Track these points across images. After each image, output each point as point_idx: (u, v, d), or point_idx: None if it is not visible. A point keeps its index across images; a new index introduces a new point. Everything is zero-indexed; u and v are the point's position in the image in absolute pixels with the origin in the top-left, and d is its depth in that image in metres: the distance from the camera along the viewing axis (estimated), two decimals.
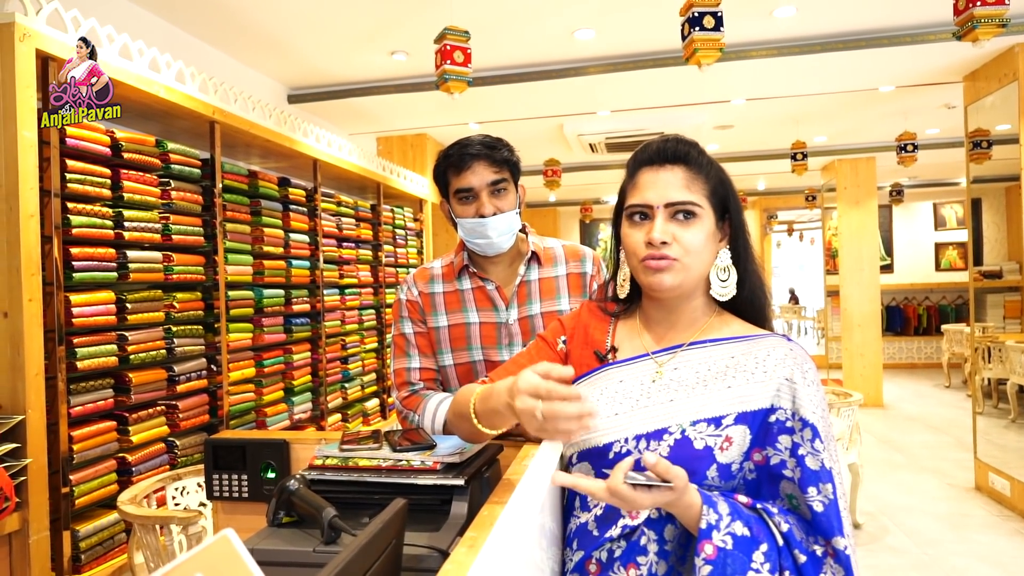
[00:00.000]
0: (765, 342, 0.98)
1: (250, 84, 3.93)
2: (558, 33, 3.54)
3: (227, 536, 0.40)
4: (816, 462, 0.88)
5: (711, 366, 0.97)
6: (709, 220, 0.99)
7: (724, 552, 0.83)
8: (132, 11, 3.03)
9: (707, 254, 0.99)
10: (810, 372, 0.94)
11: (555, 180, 6.51)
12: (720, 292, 1.01)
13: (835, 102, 5.03)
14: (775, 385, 0.93)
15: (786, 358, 0.95)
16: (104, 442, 2.19)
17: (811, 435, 0.89)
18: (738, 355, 0.97)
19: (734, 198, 1.03)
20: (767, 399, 0.92)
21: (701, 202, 0.98)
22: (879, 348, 7.03)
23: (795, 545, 0.86)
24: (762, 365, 0.94)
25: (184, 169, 2.59)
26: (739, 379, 0.94)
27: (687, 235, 0.97)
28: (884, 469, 4.73)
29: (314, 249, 3.54)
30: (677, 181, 0.98)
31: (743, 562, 0.83)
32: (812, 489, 0.87)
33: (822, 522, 0.86)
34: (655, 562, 0.89)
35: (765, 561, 0.84)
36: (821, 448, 0.88)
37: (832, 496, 0.87)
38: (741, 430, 0.91)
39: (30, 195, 1.89)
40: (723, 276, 1.01)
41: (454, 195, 1.48)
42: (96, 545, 2.12)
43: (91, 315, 2.14)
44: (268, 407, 3.10)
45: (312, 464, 1.08)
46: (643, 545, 0.91)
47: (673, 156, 0.99)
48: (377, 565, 0.69)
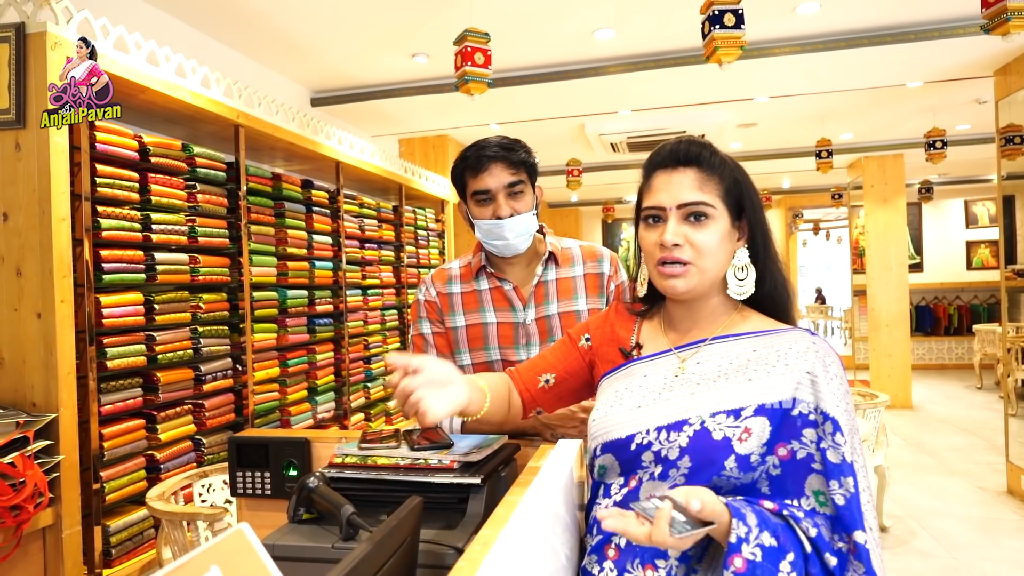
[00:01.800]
0: (787, 336, 0.98)
1: (274, 88, 3.99)
2: (578, 33, 3.54)
3: (242, 530, 0.42)
4: (837, 456, 0.88)
5: (732, 360, 0.98)
6: (723, 220, 1.00)
7: (753, 564, 0.83)
8: (159, 17, 3.09)
9: (722, 254, 1.00)
10: (832, 366, 0.94)
11: (577, 180, 6.51)
12: (737, 291, 1.01)
13: (861, 98, 4.95)
14: (796, 378, 0.93)
15: (807, 352, 0.95)
16: (133, 440, 2.24)
17: (832, 428, 0.89)
18: (760, 349, 0.97)
19: (751, 196, 1.03)
20: (788, 392, 0.92)
21: (714, 202, 0.99)
22: (908, 348, 6.90)
23: (824, 548, 0.85)
24: (783, 358, 0.95)
25: (210, 172, 2.64)
26: (760, 372, 0.95)
27: (700, 236, 0.98)
28: (912, 472, 4.65)
29: (337, 250, 3.58)
30: (689, 182, 0.99)
31: (771, 572, 0.83)
32: (834, 483, 0.87)
33: (844, 516, 0.86)
34: (676, 565, 0.89)
35: (792, 571, 0.84)
36: (842, 441, 0.88)
37: (853, 490, 0.87)
38: (760, 422, 0.91)
39: (61, 199, 1.94)
40: (740, 275, 1.01)
41: (471, 197, 1.49)
42: (126, 540, 2.17)
43: (120, 316, 2.20)
44: (292, 406, 3.14)
45: (332, 462, 1.10)
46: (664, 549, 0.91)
47: (685, 158, 1.01)
48: (392, 561, 0.71)
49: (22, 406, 1.92)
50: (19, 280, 1.93)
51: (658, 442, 0.94)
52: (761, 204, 1.05)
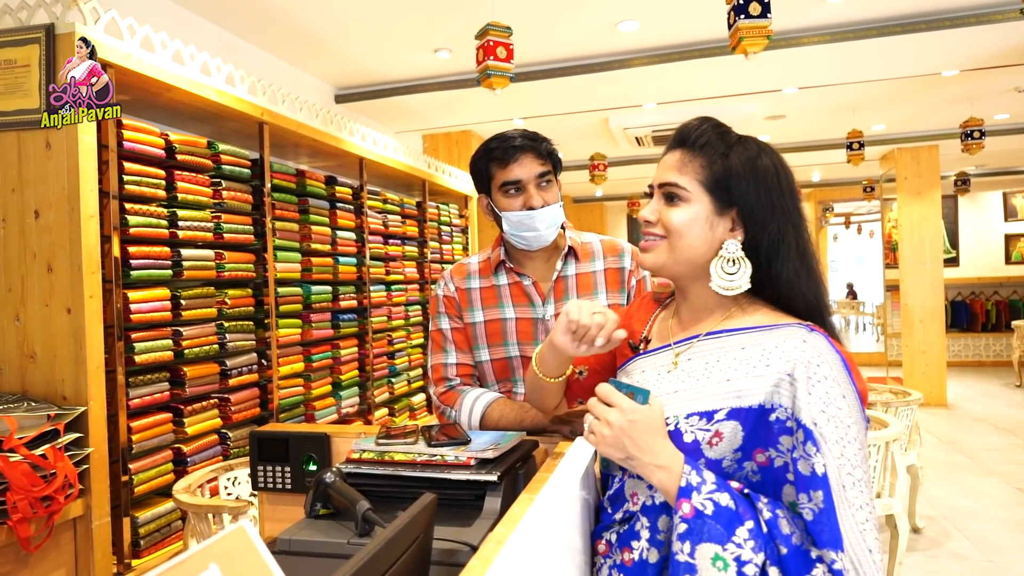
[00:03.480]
0: (779, 332, 0.91)
1: (298, 85, 4.02)
2: (601, 25, 3.50)
3: (243, 527, 0.41)
4: (807, 467, 0.82)
5: (720, 357, 0.93)
6: (700, 206, 0.95)
7: (702, 516, 0.81)
8: (184, 16, 3.13)
9: (695, 238, 0.95)
10: (822, 367, 0.86)
11: (602, 175, 6.46)
12: (721, 285, 0.94)
13: (894, 88, 4.83)
14: (774, 380, 0.87)
15: (794, 351, 0.88)
16: (161, 433, 2.28)
17: (803, 437, 0.83)
18: (748, 346, 0.92)
19: (753, 188, 0.94)
20: (763, 395, 0.87)
21: (688, 185, 0.96)
22: (942, 345, 6.73)
23: (777, 535, 0.80)
24: (766, 358, 0.89)
25: (235, 169, 2.67)
26: (740, 372, 0.90)
27: (670, 215, 0.97)
28: (947, 472, 4.53)
29: (361, 246, 3.60)
30: (673, 163, 0.99)
31: (721, 534, 0.80)
32: (803, 496, 0.82)
33: (812, 532, 0.80)
34: (646, 548, 0.89)
35: (750, 538, 0.79)
36: (813, 452, 0.81)
37: (823, 505, 0.80)
38: (732, 426, 0.87)
39: (90, 196, 1.97)
40: (730, 268, 0.94)
41: (499, 188, 1.47)
42: (154, 532, 2.21)
43: (148, 311, 2.23)
44: (316, 401, 3.17)
45: (349, 458, 1.10)
46: (636, 531, 0.91)
47: (678, 139, 1.01)
48: (404, 558, 0.70)
49: (53, 399, 1.96)
50: (50, 276, 1.97)
51: None
52: (782, 201, 0.94)
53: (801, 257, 0.95)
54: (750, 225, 0.94)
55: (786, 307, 0.96)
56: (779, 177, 0.96)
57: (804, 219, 0.97)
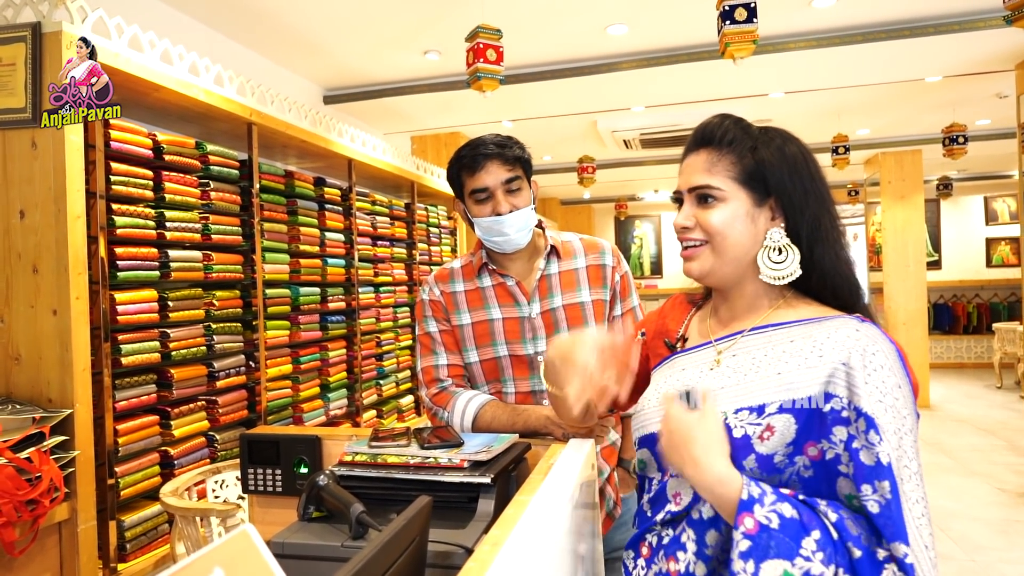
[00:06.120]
0: (829, 324, 0.90)
1: (287, 86, 4.00)
2: (591, 28, 3.52)
3: (246, 531, 0.41)
4: (871, 456, 0.79)
5: (768, 352, 0.92)
6: (738, 202, 0.95)
7: (768, 530, 0.76)
8: (173, 16, 3.11)
9: (740, 235, 0.94)
10: (877, 355, 0.84)
11: (590, 177, 6.48)
12: (771, 274, 0.93)
13: (879, 94, 4.89)
14: (829, 370, 0.85)
15: (847, 340, 0.86)
16: (147, 436, 2.25)
17: (865, 426, 0.80)
18: (797, 339, 0.91)
19: (787, 176, 0.95)
20: (817, 386, 0.85)
21: (722, 184, 0.95)
22: (925, 347, 6.82)
23: (847, 537, 0.77)
24: (818, 349, 0.88)
25: (223, 170, 2.65)
26: (791, 364, 0.88)
27: (708, 217, 0.95)
28: (930, 472, 4.59)
29: (349, 248, 3.58)
30: (700, 165, 0.97)
31: (789, 547, 0.76)
32: (866, 487, 0.79)
33: (879, 525, 0.78)
34: (693, 561, 0.87)
35: (818, 550, 0.76)
36: (877, 441, 0.79)
37: (890, 495, 0.77)
38: (784, 419, 0.85)
39: (77, 197, 1.95)
40: (777, 257, 0.94)
41: (469, 195, 1.50)
42: (140, 535, 2.19)
43: (135, 313, 2.21)
44: (305, 403, 3.16)
45: (342, 460, 1.09)
46: (683, 542, 0.90)
47: (701, 140, 0.99)
48: (400, 561, 0.70)
49: (38, 402, 1.93)
50: (35, 277, 1.95)
51: None
52: (813, 185, 0.95)
53: (838, 240, 0.96)
54: (789, 212, 0.95)
55: (831, 294, 0.95)
56: (807, 162, 0.97)
57: (834, 203, 0.97)
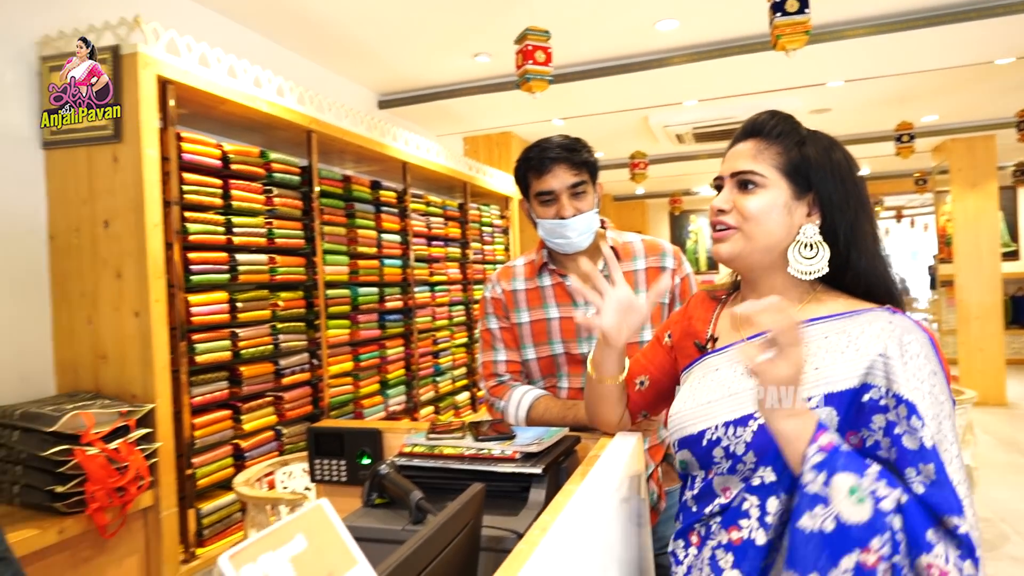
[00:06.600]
0: (863, 317, 0.93)
1: (343, 93, 4.14)
2: (639, 25, 3.51)
3: (321, 505, 0.47)
4: (914, 441, 0.82)
5: (803, 348, 0.94)
6: (779, 191, 0.98)
7: (839, 449, 0.81)
8: (235, 30, 3.27)
9: (774, 225, 0.97)
10: (912, 344, 0.87)
11: (642, 173, 6.43)
12: (800, 269, 0.96)
13: (945, 78, 4.68)
14: (866, 363, 0.88)
15: (882, 332, 0.89)
16: (221, 429, 2.39)
17: (907, 412, 0.83)
18: (831, 334, 0.93)
19: (829, 175, 0.98)
20: (856, 378, 0.88)
21: (767, 172, 0.98)
22: (1001, 342, 6.49)
23: (894, 483, 0.80)
24: (854, 343, 0.91)
25: (285, 176, 2.78)
26: (828, 359, 0.91)
27: (746, 202, 0.98)
28: (1005, 472, 4.38)
29: (405, 248, 3.69)
30: (746, 152, 1.00)
31: (858, 465, 0.79)
32: (910, 470, 0.82)
33: (930, 503, 0.80)
34: (755, 527, 0.90)
35: (881, 477, 0.79)
36: (919, 426, 0.82)
37: (936, 476, 0.80)
38: (827, 412, 0.88)
39: (154, 206, 2.09)
40: (807, 253, 0.97)
41: (535, 196, 1.54)
42: (216, 522, 2.33)
43: (207, 314, 2.35)
44: (365, 399, 3.27)
45: (402, 451, 1.16)
46: (745, 510, 0.91)
47: (750, 131, 1.02)
48: (455, 543, 0.75)
49: (123, 397, 2.09)
50: (119, 282, 2.10)
51: (726, 437, 0.95)
52: (855, 189, 0.98)
53: (876, 244, 0.98)
54: (828, 210, 0.97)
55: (865, 293, 0.98)
56: (851, 168, 1.00)
57: (874, 212, 1.00)
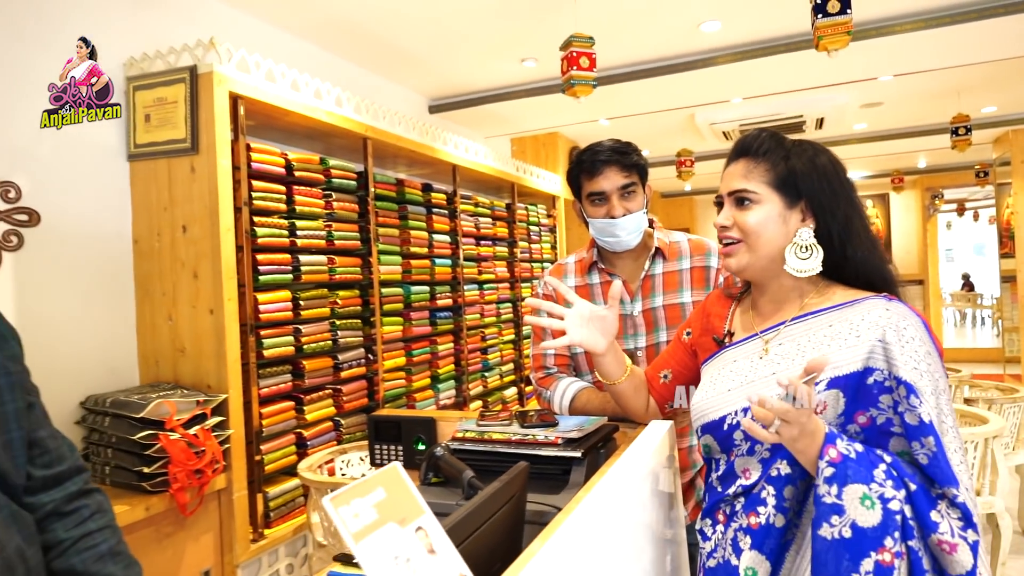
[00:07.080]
0: (862, 306, 1.03)
1: (396, 99, 4.31)
2: (683, 27, 3.55)
3: (395, 466, 0.59)
4: (914, 417, 0.93)
5: (811, 337, 1.05)
6: (772, 204, 1.08)
7: (847, 459, 0.90)
8: (298, 44, 3.46)
9: (772, 234, 1.08)
10: (908, 329, 0.98)
11: (689, 170, 6.44)
12: (794, 267, 1.06)
13: (1003, 69, 4.55)
14: (867, 348, 0.98)
15: (880, 319, 1.00)
16: (285, 419, 2.57)
17: (906, 392, 0.93)
18: (835, 323, 1.04)
19: (817, 182, 1.07)
20: (859, 362, 0.98)
21: (758, 189, 1.08)
22: None
23: (904, 473, 0.91)
24: (855, 330, 1.01)
25: (343, 182, 2.95)
26: (833, 346, 1.01)
27: (743, 218, 1.09)
28: None
29: (455, 248, 3.83)
30: (738, 172, 1.11)
31: (865, 474, 0.89)
32: (915, 443, 0.93)
33: (931, 474, 0.91)
34: (773, 513, 0.99)
35: (887, 478, 0.89)
36: (917, 403, 0.92)
37: (935, 448, 0.91)
38: (834, 394, 0.99)
39: (227, 212, 2.27)
40: (802, 254, 1.06)
41: (586, 197, 1.64)
42: (281, 505, 2.51)
43: (274, 311, 2.53)
44: (417, 393, 3.43)
45: (455, 436, 1.28)
46: (763, 498, 1.01)
47: (740, 151, 1.13)
48: (501, 513, 0.86)
49: (199, 388, 2.28)
50: (195, 282, 2.29)
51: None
52: (843, 190, 1.08)
53: (868, 237, 1.08)
54: (819, 213, 1.08)
55: (864, 284, 1.08)
56: (836, 170, 1.10)
57: (863, 207, 1.10)
